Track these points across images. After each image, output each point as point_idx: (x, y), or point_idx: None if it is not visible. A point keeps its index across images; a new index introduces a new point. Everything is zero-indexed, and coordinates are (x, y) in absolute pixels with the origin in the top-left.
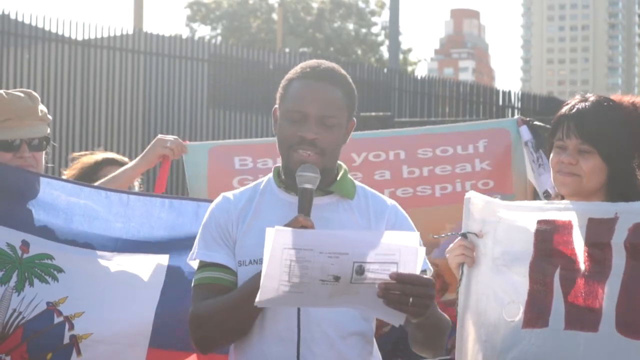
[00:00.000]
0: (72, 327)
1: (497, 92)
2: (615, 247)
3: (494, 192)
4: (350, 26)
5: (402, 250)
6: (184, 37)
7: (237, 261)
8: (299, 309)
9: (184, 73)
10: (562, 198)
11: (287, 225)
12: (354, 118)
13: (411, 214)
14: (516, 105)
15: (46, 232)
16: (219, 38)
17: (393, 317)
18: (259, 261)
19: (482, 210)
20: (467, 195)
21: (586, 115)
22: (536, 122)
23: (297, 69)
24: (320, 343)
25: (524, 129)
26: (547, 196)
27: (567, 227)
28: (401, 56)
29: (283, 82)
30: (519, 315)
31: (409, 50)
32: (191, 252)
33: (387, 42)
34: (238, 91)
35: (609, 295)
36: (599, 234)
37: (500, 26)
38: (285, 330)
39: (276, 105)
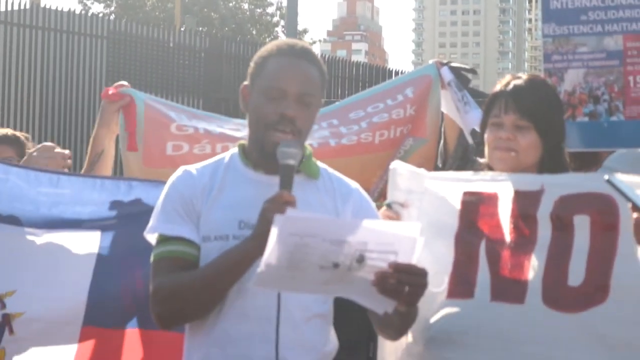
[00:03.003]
0: (3, 306)
1: (391, 72)
2: (541, 220)
3: (408, 136)
4: (245, 6)
5: (402, 240)
6: (77, 13)
7: (201, 236)
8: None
9: (82, 50)
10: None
11: (269, 200)
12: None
13: (353, 161)
14: None
15: None
16: (112, 16)
17: (382, 306)
18: (225, 237)
19: (408, 180)
20: (392, 165)
21: (523, 91)
22: (454, 64)
23: (272, 47)
24: (285, 324)
25: (445, 70)
26: (475, 135)
27: (493, 198)
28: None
29: (256, 60)
30: (443, 285)
31: (305, 31)
32: (149, 225)
33: (282, 23)
34: (137, 69)
35: (535, 268)
36: (525, 206)
37: (394, 9)
38: (253, 309)
39: (246, 83)
